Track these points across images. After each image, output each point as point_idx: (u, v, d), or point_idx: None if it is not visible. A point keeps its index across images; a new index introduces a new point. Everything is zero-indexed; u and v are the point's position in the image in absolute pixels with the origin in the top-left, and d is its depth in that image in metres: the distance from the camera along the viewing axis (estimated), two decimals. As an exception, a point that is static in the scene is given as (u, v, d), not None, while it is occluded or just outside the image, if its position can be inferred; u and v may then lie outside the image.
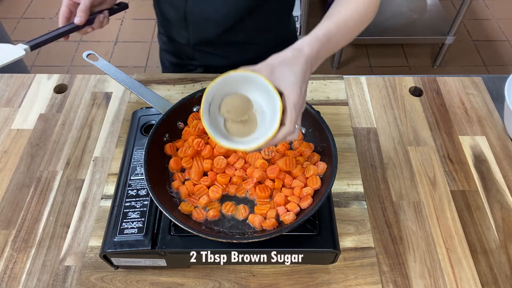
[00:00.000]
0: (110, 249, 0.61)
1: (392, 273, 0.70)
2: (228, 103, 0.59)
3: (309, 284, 0.68)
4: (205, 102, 0.58)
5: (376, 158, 0.86)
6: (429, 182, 0.82)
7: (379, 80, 1.01)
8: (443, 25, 2.21)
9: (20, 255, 0.72)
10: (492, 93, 0.99)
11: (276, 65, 0.56)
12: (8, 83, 1.00)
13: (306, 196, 0.65)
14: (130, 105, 0.92)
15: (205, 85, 0.95)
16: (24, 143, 0.88)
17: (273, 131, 0.55)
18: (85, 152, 0.86)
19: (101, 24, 0.77)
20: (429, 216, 0.77)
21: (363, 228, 0.74)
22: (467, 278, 0.70)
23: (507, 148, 0.88)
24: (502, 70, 2.30)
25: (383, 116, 0.93)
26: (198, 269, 0.69)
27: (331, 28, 0.60)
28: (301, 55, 0.56)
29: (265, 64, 0.56)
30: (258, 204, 0.66)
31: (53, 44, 0.75)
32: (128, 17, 2.56)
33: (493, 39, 2.48)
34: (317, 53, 0.57)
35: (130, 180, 0.69)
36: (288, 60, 0.55)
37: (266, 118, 0.59)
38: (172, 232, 0.63)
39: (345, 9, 0.64)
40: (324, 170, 0.68)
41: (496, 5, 2.70)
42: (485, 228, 0.76)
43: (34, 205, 0.78)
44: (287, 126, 0.55)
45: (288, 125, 0.55)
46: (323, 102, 0.94)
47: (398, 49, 2.44)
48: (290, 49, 0.57)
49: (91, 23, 0.75)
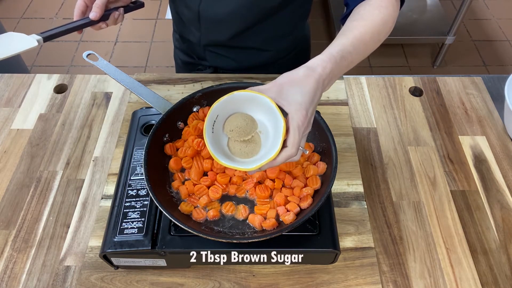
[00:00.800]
0: (110, 249, 0.61)
1: (392, 273, 0.70)
2: (232, 122, 0.59)
3: (309, 284, 0.68)
4: (208, 120, 0.58)
5: (376, 158, 0.86)
6: (429, 182, 0.82)
7: (379, 80, 1.01)
8: (443, 25, 2.21)
9: (20, 255, 0.72)
10: (492, 93, 0.99)
11: (285, 84, 0.54)
12: (8, 83, 1.00)
13: (306, 196, 0.65)
14: (130, 105, 0.92)
15: (205, 85, 0.95)
16: (24, 143, 0.88)
17: (274, 153, 0.54)
18: (85, 152, 0.86)
19: (115, 21, 0.77)
20: (429, 216, 0.77)
21: (363, 228, 0.74)
22: (467, 278, 0.70)
23: (507, 148, 0.88)
24: (502, 70, 2.30)
25: (383, 116, 0.93)
26: (198, 269, 0.69)
27: (346, 46, 0.58)
28: (313, 75, 0.53)
29: (274, 83, 0.55)
30: (258, 204, 0.66)
31: (53, 44, 0.75)
32: (128, 17, 2.56)
33: (493, 39, 2.48)
34: (330, 72, 0.55)
35: (130, 180, 0.69)
36: (299, 80, 0.53)
37: (269, 139, 0.58)
38: (172, 232, 0.63)
39: (361, 24, 0.61)
40: (324, 170, 0.68)
41: (496, 5, 2.70)
42: (485, 228, 0.76)
43: (34, 205, 0.78)
44: (289, 149, 0.53)
45: (290, 147, 0.53)
46: (323, 102, 0.94)
47: (398, 49, 2.44)
48: (303, 67, 0.54)
49: (105, 19, 0.75)
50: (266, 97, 0.55)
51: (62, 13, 2.61)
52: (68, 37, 2.45)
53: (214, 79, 0.98)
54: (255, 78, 0.98)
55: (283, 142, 0.54)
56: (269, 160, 0.55)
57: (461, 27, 2.51)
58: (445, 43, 2.19)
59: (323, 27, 2.59)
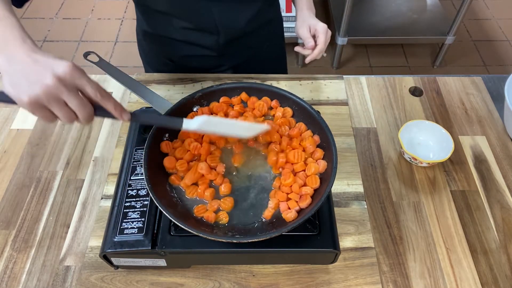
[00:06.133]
0: (110, 249, 0.61)
1: (392, 273, 0.70)
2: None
3: (309, 284, 0.68)
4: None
5: (376, 158, 0.86)
6: (429, 182, 0.82)
7: (379, 80, 1.01)
8: (443, 25, 2.21)
9: (20, 255, 0.72)
10: (492, 93, 0.99)
11: (306, 16, 0.89)
12: (8, 83, 1.00)
13: (305, 195, 0.65)
14: (130, 105, 0.92)
15: (205, 85, 0.95)
16: (24, 143, 0.88)
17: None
18: (85, 152, 0.86)
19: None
20: (429, 216, 0.77)
21: (363, 228, 0.74)
22: (467, 278, 0.70)
23: (507, 148, 0.88)
24: (502, 70, 2.30)
25: (383, 116, 0.93)
26: (198, 269, 0.69)
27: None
28: (311, 12, 0.91)
29: (304, 22, 0.88)
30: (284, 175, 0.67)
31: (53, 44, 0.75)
32: (128, 17, 2.56)
33: (493, 39, 2.48)
34: (309, 7, 0.91)
35: (130, 180, 0.69)
36: (309, 16, 0.89)
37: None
38: (172, 232, 0.63)
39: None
40: (324, 168, 0.68)
41: (496, 5, 2.70)
42: (485, 228, 0.76)
43: (34, 205, 0.78)
44: (321, 45, 0.84)
45: (323, 44, 0.84)
46: (323, 102, 0.94)
47: (398, 49, 2.44)
48: (305, 12, 0.90)
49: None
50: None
51: (62, 13, 2.61)
52: (68, 36, 2.46)
53: (214, 79, 0.98)
54: (255, 78, 0.98)
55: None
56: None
57: (461, 27, 2.51)
58: (445, 43, 2.19)
59: (323, 27, 2.59)
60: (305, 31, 0.86)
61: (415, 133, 0.87)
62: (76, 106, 0.51)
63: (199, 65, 1.01)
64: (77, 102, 0.51)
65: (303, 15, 0.90)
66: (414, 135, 0.87)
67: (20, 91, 0.49)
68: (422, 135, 0.87)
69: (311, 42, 0.84)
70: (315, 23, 0.86)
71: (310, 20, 0.88)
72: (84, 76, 0.52)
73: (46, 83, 0.49)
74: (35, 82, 0.49)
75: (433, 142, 0.86)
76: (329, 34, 0.86)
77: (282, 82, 0.97)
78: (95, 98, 0.53)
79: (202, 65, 1.01)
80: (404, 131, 0.85)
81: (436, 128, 0.85)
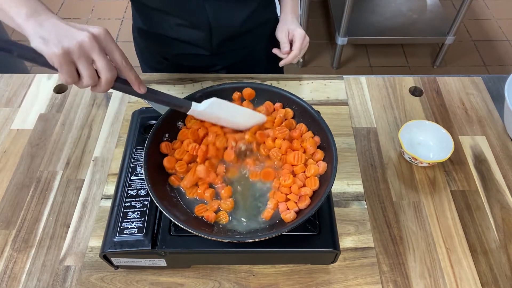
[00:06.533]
0: (110, 249, 0.61)
1: (392, 273, 0.70)
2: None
3: (309, 284, 0.68)
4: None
5: (376, 158, 0.86)
6: (429, 182, 0.82)
7: (379, 80, 1.01)
8: (443, 25, 2.21)
9: (20, 255, 0.72)
10: (492, 93, 0.99)
11: (288, 21, 0.90)
12: (8, 83, 1.00)
13: (304, 196, 0.65)
14: (130, 105, 0.92)
15: (205, 85, 0.95)
16: (24, 143, 0.88)
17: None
18: (85, 152, 0.86)
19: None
20: (429, 216, 0.77)
21: (363, 228, 0.74)
22: (467, 278, 0.70)
23: (507, 148, 0.88)
24: (502, 70, 2.30)
25: (383, 116, 0.93)
26: (198, 269, 0.69)
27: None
28: (294, 16, 0.91)
29: (284, 26, 0.88)
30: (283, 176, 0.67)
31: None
32: (128, 17, 2.56)
33: (493, 39, 2.48)
34: (293, 11, 0.92)
35: (130, 180, 0.69)
36: (291, 20, 0.90)
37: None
38: (172, 232, 0.63)
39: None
40: (324, 169, 0.68)
41: (496, 5, 2.70)
42: (485, 228, 0.76)
43: (34, 205, 0.78)
44: (296, 51, 0.84)
45: (297, 50, 0.84)
46: (323, 102, 0.94)
47: (398, 49, 2.44)
48: (289, 16, 0.91)
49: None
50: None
51: (62, 13, 2.61)
52: (68, 37, 2.46)
53: (214, 79, 0.98)
54: (255, 78, 0.98)
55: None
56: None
57: (461, 27, 2.51)
58: (445, 43, 2.19)
59: (323, 27, 2.59)
60: (283, 36, 0.86)
61: (415, 133, 0.87)
62: (103, 67, 0.54)
63: (193, 64, 1.01)
64: (105, 62, 0.54)
65: (285, 19, 0.90)
66: (414, 135, 0.87)
67: (52, 44, 0.51)
68: (422, 135, 0.87)
69: (287, 47, 0.85)
70: (293, 28, 0.86)
71: (290, 25, 0.88)
72: (115, 42, 0.55)
73: (81, 38, 0.52)
74: (70, 37, 0.51)
75: (433, 142, 0.86)
76: (307, 40, 0.86)
77: (282, 82, 0.97)
78: (120, 64, 0.56)
79: (196, 64, 1.01)
80: (404, 131, 0.85)
81: (436, 128, 0.85)
